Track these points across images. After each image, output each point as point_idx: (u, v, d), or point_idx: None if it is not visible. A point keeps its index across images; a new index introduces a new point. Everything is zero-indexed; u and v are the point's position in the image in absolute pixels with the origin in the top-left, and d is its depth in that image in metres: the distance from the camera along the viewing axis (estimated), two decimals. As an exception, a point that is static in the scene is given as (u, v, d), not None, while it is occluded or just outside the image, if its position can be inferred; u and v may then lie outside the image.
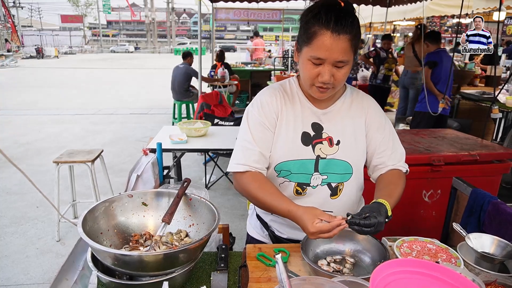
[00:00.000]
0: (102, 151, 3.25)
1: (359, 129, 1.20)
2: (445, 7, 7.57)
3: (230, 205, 3.77)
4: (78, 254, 1.12)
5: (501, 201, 1.82)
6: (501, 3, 3.87)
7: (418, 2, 6.86)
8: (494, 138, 5.09)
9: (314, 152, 1.15)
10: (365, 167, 1.28)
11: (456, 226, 1.22)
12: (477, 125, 4.64)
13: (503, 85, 3.47)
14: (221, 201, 3.85)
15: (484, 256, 1.09)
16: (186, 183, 1.20)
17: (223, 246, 1.21)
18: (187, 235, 1.13)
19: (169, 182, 2.37)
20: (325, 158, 1.16)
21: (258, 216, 1.36)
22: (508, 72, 6.74)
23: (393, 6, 7.36)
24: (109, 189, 3.48)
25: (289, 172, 1.17)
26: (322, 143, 1.16)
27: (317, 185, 1.17)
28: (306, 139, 1.16)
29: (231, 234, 2.07)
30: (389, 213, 1.01)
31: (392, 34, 17.44)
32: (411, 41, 6.18)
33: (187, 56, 6.57)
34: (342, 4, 1.03)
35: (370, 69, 6.32)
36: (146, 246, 1.06)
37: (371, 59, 6.12)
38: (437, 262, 0.87)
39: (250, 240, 1.40)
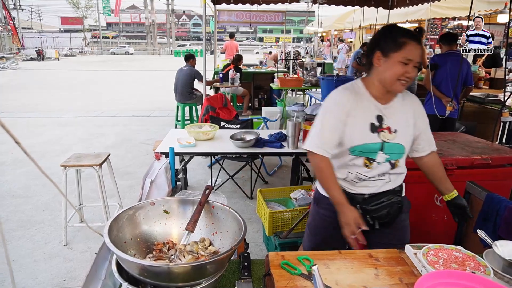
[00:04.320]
0: (109, 154, 3.23)
1: (409, 119, 1.58)
2: (446, 9, 7.56)
3: (236, 209, 3.68)
4: (100, 263, 1.10)
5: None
6: (507, 6, 3.87)
7: (420, 4, 6.86)
8: (498, 140, 5.08)
9: (379, 137, 1.52)
10: None
11: (481, 233, 1.20)
12: (482, 127, 4.63)
13: (512, 88, 3.45)
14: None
15: (512, 264, 1.07)
16: (208, 190, 1.19)
17: (245, 254, 1.19)
18: (211, 244, 1.11)
19: (181, 188, 2.35)
20: (388, 142, 1.52)
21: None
22: (511, 74, 6.72)
23: (395, 8, 7.36)
24: (115, 193, 3.46)
25: (361, 152, 1.54)
26: (383, 131, 1.52)
27: (381, 162, 1.54)
28: (373, 128, 1.52)
29: (245, 240, 2.06)
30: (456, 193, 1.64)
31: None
32: None
33: (190, 58, 6.57)
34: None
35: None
36: (171, 255, 1.04)
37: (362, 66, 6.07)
38: (473, 273, 0.86)
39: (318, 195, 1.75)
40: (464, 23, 8.82)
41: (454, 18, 11.47)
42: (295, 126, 2.93)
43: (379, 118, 1.53)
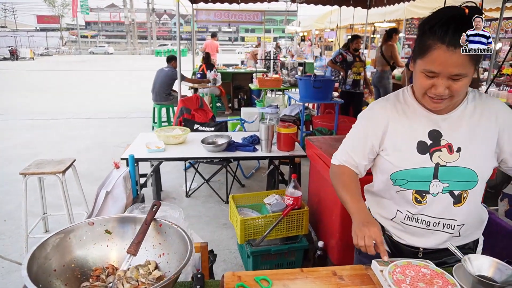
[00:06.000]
0: (74, 160, 3.06)
1: (486, 133, 1.13)
2: (422, 9, 7.62)
3: (211, 214, 3.63)
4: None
5: (491, 210, 1.76)
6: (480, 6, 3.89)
7: (396, 4, 6.90)
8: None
9: (432, 160, 1.13)
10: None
11: (451, 247, 1.13)
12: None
13: (487, 87, 3.46)
14: (202, 209, 3.71)
15: (482, 281, 1.00)
16: (155, 206, 1.07)
17: (199, 276, 1.08)
18: (156, 267, 1.00)
19: (142, 201, 2.21)
20: (445, 165, 1.13)
21: None
22: (486, 73, 6.84)
23: (373, 8, 7.39)
24: (83, 200, 3.29)
25: (406, 181, 1.16)
26: (440, 151, 1.13)
27: (438, 193, 1.14)
28: (423, 148, 1.14)
29: (212, 251, 1.95)
30: None
31: (372, 36, 17.65)
32: (381, 43, 6.20)
33: (172, 59, 6.42)
34: (467, 10, 0.99)
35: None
36: (109, 283, 0.93)
37: (338, 64, 5.86)
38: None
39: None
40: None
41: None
42: (268, 129, 2.84)
43: (434, 134, 1.14)
